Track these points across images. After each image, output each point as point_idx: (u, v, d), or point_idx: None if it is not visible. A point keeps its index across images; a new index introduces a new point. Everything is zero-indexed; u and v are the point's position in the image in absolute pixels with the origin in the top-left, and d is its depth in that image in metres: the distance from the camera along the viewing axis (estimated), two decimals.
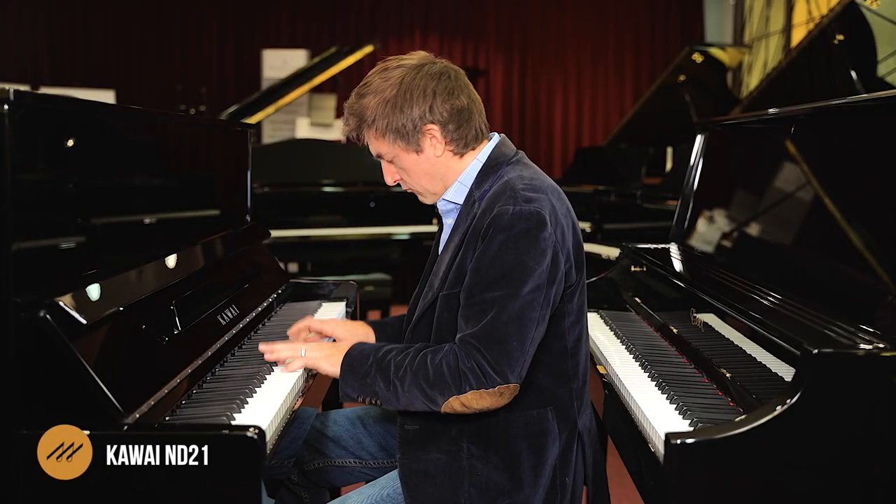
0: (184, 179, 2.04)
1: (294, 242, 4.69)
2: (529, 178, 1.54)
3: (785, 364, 1.40)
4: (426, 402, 1.47)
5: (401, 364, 1.50)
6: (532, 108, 9.46)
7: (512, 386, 1.45)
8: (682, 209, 2.48)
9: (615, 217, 4.61)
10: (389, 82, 1.55)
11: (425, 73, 1.55)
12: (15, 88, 1.26)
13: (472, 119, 1.59)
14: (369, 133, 1.59)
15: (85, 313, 1.33)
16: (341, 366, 1.56)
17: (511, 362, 1.44)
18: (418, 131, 1.55)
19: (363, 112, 1.56)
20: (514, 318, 1.44)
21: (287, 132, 7.87)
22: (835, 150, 1.73)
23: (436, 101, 1.54)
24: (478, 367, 1.43)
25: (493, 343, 1.43)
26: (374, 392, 1.52)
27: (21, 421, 1.27)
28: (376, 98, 1.55)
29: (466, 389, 1.44)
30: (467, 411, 1.47)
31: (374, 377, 1.52)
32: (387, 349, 1.55)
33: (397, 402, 1.51)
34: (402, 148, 1.57)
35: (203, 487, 1.28)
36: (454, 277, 1.54)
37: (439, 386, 1.45)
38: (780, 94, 3.98)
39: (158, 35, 9.06)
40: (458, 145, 1.58)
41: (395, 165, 1.62)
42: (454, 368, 1.45)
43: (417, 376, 1.48)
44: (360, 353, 1.56)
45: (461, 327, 1.49)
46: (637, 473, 1.52)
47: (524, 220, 1.46)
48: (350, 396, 1.55)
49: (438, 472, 1.52)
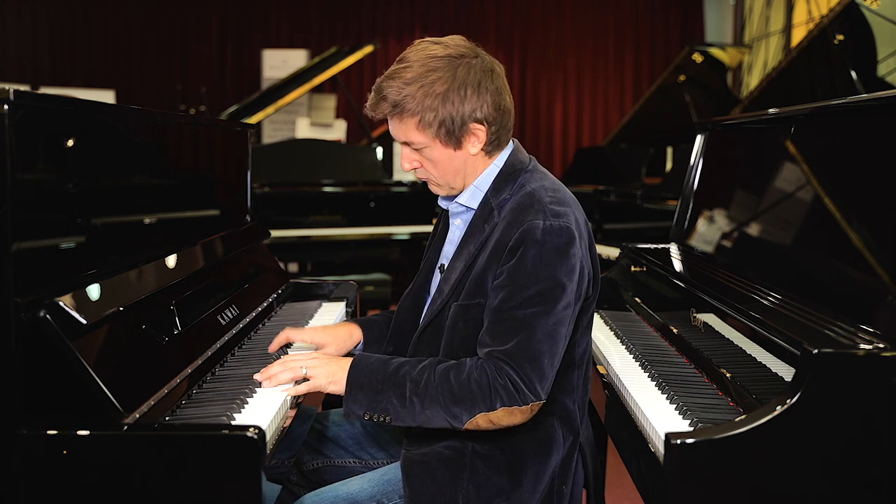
0: (184, 179, 2.04)
1: (294, 242, 4.69)
2: (553, 191, 1.53)
3: (785, 364, 1.40)
4: (448, 418, 1.44)
5: (419, 380, 1.45)
6: (532, 108, 9.46)
7: (538, 404, 1.45)
8: (682, 209, 2.48)
9: (615, 217, 4.61)
10: (439, 73, 1.48)
11: (478, 66, 1.50)
12: (15, 88, 1.26)
13: (510, 120, 1.57)
14: (407, 121, 1.50)
15: (85, 313, 1.33)
16: (347, 382, 1.48)
17: (543, 379, 1.44)
18: (465, 129, 1.51)
19: (405, 101, 1.48)
20: (547, 336, 1.43)
21: (287, 132, 7.87)
22: (835, 150, 1.73)
23: (487, 99, 1.50)
24: (511, 384, 1.42)
25: (528, 361, 1.42)
26: (385, 409, 1.46)
27: (21, 421, 1.27)
28: (424, 88, 1.47)
29: (497, 406, 1.41)
30: (492, 427, 1.45)
31: (387, 394, 1.46)
32: (398, 363, 1.50)
33: (412, 420, 1.46)
34: (441, 142, 1.52)
35: (203, 487, 1.28)
36: (473, 288, 1.51)
37: (466, 402, 1.42)
38: (780, 94, 3.98)
39: (158, 35, 9.06)
40: (493, 146, 1.57)
41: (421, 154, 1.55)
42: (485, 385, 1.42)
43: (440, 392, 1.43)
44: (367, 369, 1.50)
45: (487, 343, 1.46)
46: (637, 473, 1.52)
47: (556, 235, 1.45)
48: (356, 413, 1.48)
49: (440, 466, 1.52)
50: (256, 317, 2.04)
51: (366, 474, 1.63)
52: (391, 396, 1.46)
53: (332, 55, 6.01)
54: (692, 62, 5.90)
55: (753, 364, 1.53)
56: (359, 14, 9.26)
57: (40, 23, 8.90)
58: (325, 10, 9.23)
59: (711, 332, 1.75)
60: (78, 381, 1.27)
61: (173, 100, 8.24)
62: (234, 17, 9.20)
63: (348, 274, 4.55)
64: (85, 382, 1.27)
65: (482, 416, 1.43)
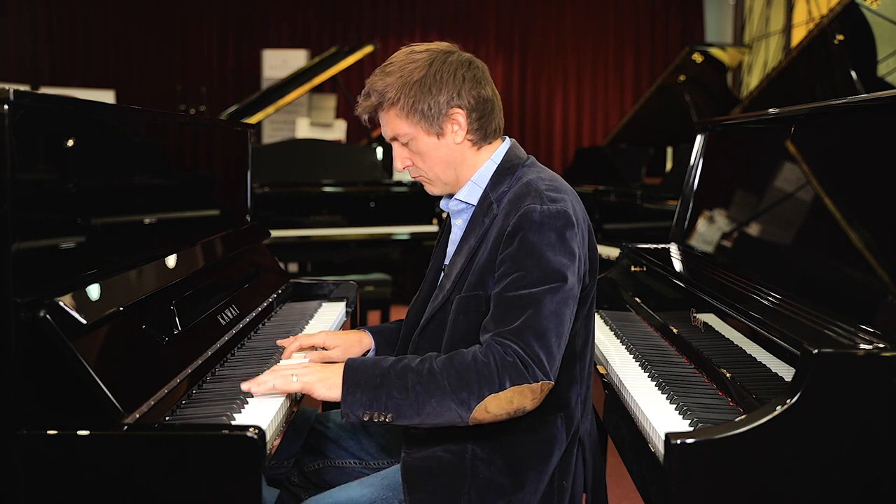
0: (184, 179, 2.04)
1: (294, 242, 4.69)
2: (550, 180, 1.55)
3: (785, 364, 1.40)
4: (456, 406, 1.38)
5: (420, 370, 1.42)
6: (532, 108, 9.46)
7: (548, 385, 1.41)
8: (682, 209, 2.48)
9: (615, 217, 4.61)
10: (417, 63, 1.54)
11: (455, 59, 1.56)
12: (15, 88, 1.26)
13: (493, 112, 1.60)
14: (390, 111, 1.56)
15: (85, 313, 1.33)
16: (343, 382, 1.43)
17: (551, 358, 1.41)
18: (443, 114, 1.54)
19: (387, 90, 1.54)
20: (553, 314, 1.42)
21: (287, 132, 7.87)
22: (835, 150, 1.73)
23: (464, 86, 1.55)
24: (519, 361, 1.38)
25: (535, 337, 1.40)
26: (386, 406, 1.40)
27: (21, 421, 1.27)
28: (403, 77, 1.53)
29: (507, 385, 1.37)
30: (502, 414, 1.40)
31: (387, 388, 1.41)
32: (395, 359, 1.46)
33: (416, 413, 1.40)
34: (424, 130, 1.55)
35: (203, 487, 1.28)
36: (475, 279, 1.51)
37: (474, 385, 1.37)
38: (780, 94, 3.98)
39: (158, 35, 9.05)
40: (478, 136, 1.58)
41: (409, 149, 1.59)
42: (492, 364, 1.38)
43: (446, 378, 1.39)
44: (363, 366, 1.45)
45: (490, 328, 1.44)
46: (637, 473, 1.52)
47: (553, 218, 1.46)
48: (355, 414, 1.42)
49: (440, 471, 1.52)
50: (256, 317, 2.04)
51: (365, 479, 1.62)
52: (392, 390, 1.41)
53: (332, 55, 6.01)
54: (692, 62, 5.90)
55: (753, 364, 1.53)
56: (359, 14, 9.25)
57: (40, 23, 8.90)
58: (325, 10, 9.23)
59: (711, 332, 1.75)
60: (78, 381, 1.27)
61: (173, 100, 8.23)
62: (234, 17, 9.20)
63: (348, 274, 4.55)
64: (85, 382, 1.27)
65: (492, 399, 1.37)
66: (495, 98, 1.61)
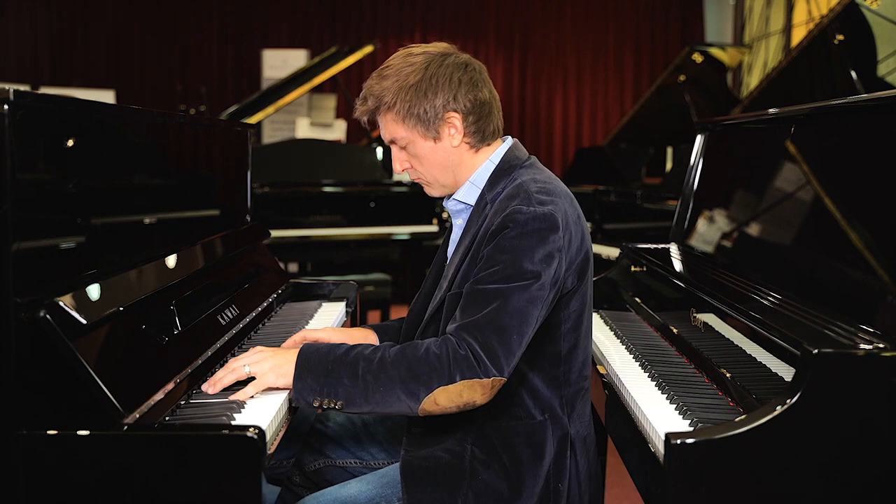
0: (184, 179, 2.04)
1: (294, 242, 4.69)
2: (543, 182, 1.55)
3: (785, 364, 1.40)
4: (405, 396, 1.39)
5: (372, 358, 1.42)
6: (532, 108, 9.45)
7: (500, 381, 1.41)
8: (682, 209, 2.48)
9: (615, 217, 4.61)
10: (413, 67, 1.54)
11: (451, 61, 1.56)
12: (15, 88, 1.26)
13: (491, 114, 1.60)
14: (387, 115, 1.57)
15: (85, 313, 1.33)
16: (296, 365, 1.44)
17: (508, 355, 1.40)
18: (439, 118, 1.55)
19: (383, 94, 1.55)
20: (517, 312, 1.42)
21: (287, 132, 7.87)
22: (835, 150, 1.73)
23: (460, 90, 1.54)
24: (472, 355, 1.39)
25: (494, 332, 1.40)
26: (336, 392, 1.41)
27: (21, 421, 1.27)
28: (399, 81, 1.54)
29: (457, 378, 1.37)
30: (448, 410, 1.40)
31: (338, 374, 1.41)
32: (350, 346, 1.47)
33: (364, 402, 1.41)
34: (420, 134, 1.56)
35: (203, 487, 1.28)
36: (462, 277, 1.52)
37: (424, 377, 1.38)
38: (780, 94, 3.98)
39: (158, 35, 9.05)
40: (475, 138, 1.58)
41: (407, 152, 1.60)
42: (444, 357, 1.39)
43: (396, 368, 1.40)
44: (317, 352, 1.46)
45: (456, 318, 1.44)
46: (637, 473, 1.52)
47: (538, 220, 1.46)
48: (305, 400, 1.42)
49: (439, 472, 1.52)
50: (256, 317, 2.04)
51: (364, 476, 1.63)
52: (342, 377, 1.41)
53: (332, 55, 6.01)
54: (692, 62, 5.90)
55: (753, 364, 1.53)
56: (359, 14, 9.25)
57: (40, 23, 8.90)
58: (325, 10, 9.22)
59: (711, 332, 1.75)
60: (78, 381, 1.27)
61: (173, 100, 8.23)
62: (234, 17, 9.19)
63: (348, 274, 4.55)
64: (85, 382, 1.27)
65: (441, 392, 1.37)
66: (493, 100, 1.60)
